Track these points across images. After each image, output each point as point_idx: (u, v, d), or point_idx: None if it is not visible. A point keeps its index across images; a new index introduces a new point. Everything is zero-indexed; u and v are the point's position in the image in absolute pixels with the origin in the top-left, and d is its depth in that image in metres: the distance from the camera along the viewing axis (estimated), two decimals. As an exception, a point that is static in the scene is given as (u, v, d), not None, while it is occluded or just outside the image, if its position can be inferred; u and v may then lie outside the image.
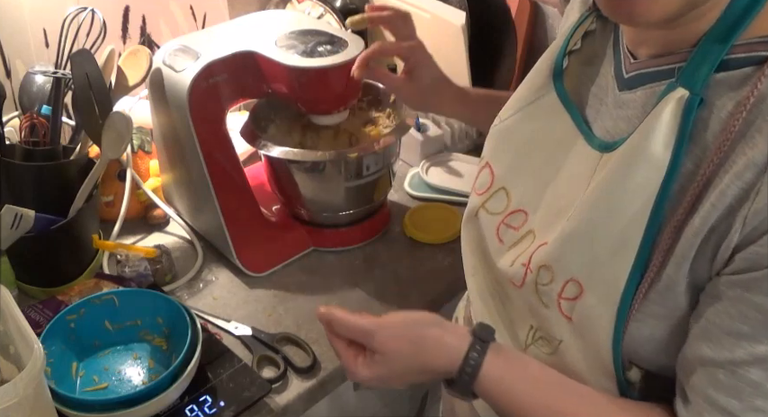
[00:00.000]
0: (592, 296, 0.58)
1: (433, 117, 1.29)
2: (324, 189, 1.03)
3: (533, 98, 0.68)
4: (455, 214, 1.13)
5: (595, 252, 0.57)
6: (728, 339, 0.51)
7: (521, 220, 0.67)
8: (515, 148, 0.69)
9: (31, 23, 1.08)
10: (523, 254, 0.65)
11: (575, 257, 0.59)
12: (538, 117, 0.67)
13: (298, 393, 0.85)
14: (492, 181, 0.70)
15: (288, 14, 1.14)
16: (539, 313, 0.64)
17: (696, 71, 0.53)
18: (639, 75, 0.59)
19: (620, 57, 0.61)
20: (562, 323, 0.61)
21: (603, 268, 0.57)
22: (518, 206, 0.67)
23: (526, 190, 0.67)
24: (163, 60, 0.96)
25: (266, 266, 1.03)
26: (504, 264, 0.68)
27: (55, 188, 0.93)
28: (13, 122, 1.02)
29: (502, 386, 0.62)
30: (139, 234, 1.10)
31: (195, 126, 0.93)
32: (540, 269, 0.62)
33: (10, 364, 0.71)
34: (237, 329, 0.92)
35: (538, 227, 0.65)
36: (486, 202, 0.71)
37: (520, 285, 0.65)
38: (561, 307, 0.60)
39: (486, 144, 0.73)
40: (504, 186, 0.69)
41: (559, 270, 0.60)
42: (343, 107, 1.00)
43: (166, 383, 0.77)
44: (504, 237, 0.69)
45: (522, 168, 0.68)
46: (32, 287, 0.96)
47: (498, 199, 0.69)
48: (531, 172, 0.67)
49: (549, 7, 1.18)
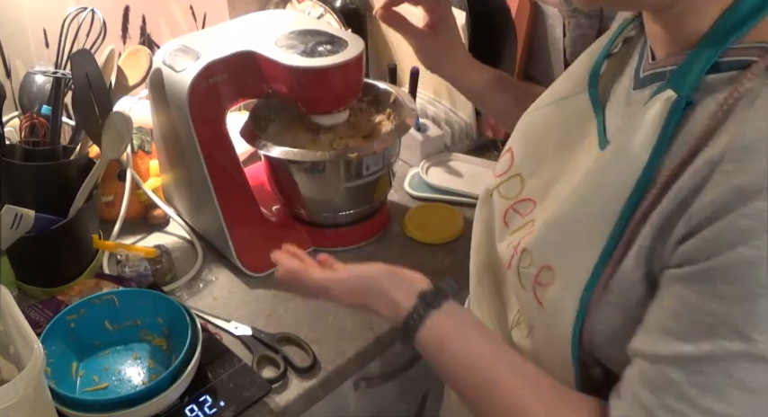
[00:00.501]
0: (561, 284, 0.59)
1: (433, 117, 1.29)
2: (324, 189, 1.03)
3: (567, 94, 0.69)
4: (455, 214, 1.13)
5: (569, 241, 0.59)
6: (660, 334, 0.52)
7: (528, 209, 0.69)
8: (537, 139, 0.71)
9: (31, 23, 1.08)
10: (517, 239, 0.67)
11: (551, 244, 0.61)
12: (566, 114, 0.68)
13: (298, 393, 0.85)
14: (510, 167, 0.72)
15: (288, 14, 1.14)
16: (520, 296, 0.66)
17: (687, 73, 0.53)
18: (651, 75, 0.60)
19: (643, 58, 0.63)
20: (536, 308, 0.63)
21: (573, 257, 0.58)
22: (528, 194, 0.69)
23: (539, 181, 0.69)
24: (163, 60, 0.96)
25: (266, 266, 1.02)
26: (502, 246, 0.70)
27: (55, 188, 0.93)
28: (13, 122, 1.02)
29: (440, 349, 0.64)
30: (139, 234, 1.10)
31: (195, 126, 0.93)
32: (522, 252, 0.64)
33: (10, 364, 0.71)
34: (237, 329, 0.92)
35: (538, 217, 0.67)
36: (500, 185, 0.73)
37: (508, 266, 0.68)
38: (536, 292, 0.62)
39: (514, 130, 0.75)
40: (520, 173, 0.71)
41: (537, 255, 0.62)
42: (343, 107, 1.00)
43: (166, 383, 0.77)
44: (510, 222, 0.71)
45: (539, 159, 0.69)
46: (32, 287, 0.96)
47: (512, 184, 0.71)
48: (546, 164, 0.68)
49: (549, 7, 1.18)
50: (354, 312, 0.96)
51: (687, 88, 0.53)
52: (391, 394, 1.08)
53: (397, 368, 1.02)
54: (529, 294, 0.63)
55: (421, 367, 1.08)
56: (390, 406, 1.10)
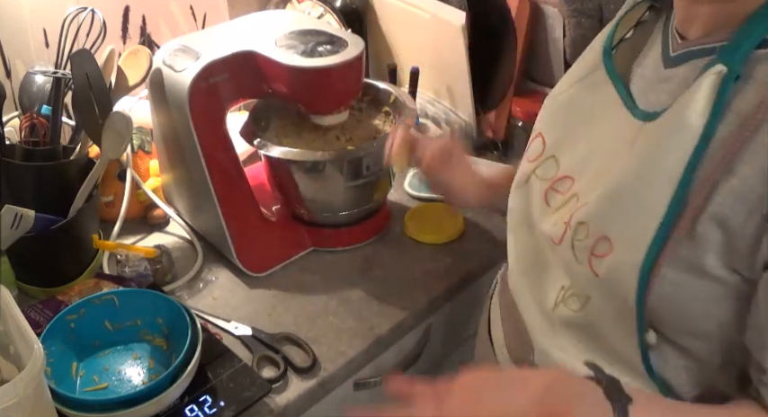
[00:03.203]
0: (620, 253, 0.60)
1: (433, 117, 1.29)
2: (324, 189, 1.03)
3: (584, 74, 0.73)
4: (455, 214, 1.13)
5: (628, 211, 0.60)
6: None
7: (567, 185, 0.71)
8: (565, 120, 0.74)
9: (31, 23, 1.08)
10: (566, 215, 0.68)
11: (609, 215, 0.62)
12: (587, 91, 0.72)
13: (298, 393, 0.85)
14: (543, 150, 0.75)
15: (288, 14, 1.14)
16: (572, 269, 0.67)
17: (737, 49, 0.56)
18: (686, 53, 0.63)
19: (669, 39, 0.66)
20: (591, 279, 0.64)
21: (633, 226, 0.60)
22: (566, 172, 0.72)
23: (573, 157, 0.71)
24: (163, 60, 0.96)
25: (266, 266, 1.03)
26: (547, 225, 0.72)
27: (55, 188, 0.93)
28: (13, 122, 1.02)
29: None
30: (139, 234, 1.10)
31: (195, 126, 0.93)
32: (577, 226, 0.65)
33: (10, 364, 0.71)
34: (237, 329, 0.92)
35: (581, 191, 0.69)
36: (537, 168, 0.75)
37: (558, 242, 0.68)
38: (592, 264, 0.63)
39: (539, 116, 0.79)
40: (554, 154, 0.74)
41: (594, 226, 0.63)
42: (343, 107, 1.00)
43: (166, 383, 0.77)
44: (551, 201, 0.73)
45: (570, 138, 0.72)
46: (32, 287, 0.96)
47: (548, 166, 0.74)
48: (578, 141, 0.71)
49: (549, 7, 1.18)
50: (354, 312, 0.96)
51: (737, 62, 0.56)
52: (391, 394, 1.08)
53: (397, 368, 1.02)
54: (583, 266, 0.64)
55: (421, 367, 1.08)
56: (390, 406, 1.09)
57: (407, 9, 1.24)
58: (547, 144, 0.75)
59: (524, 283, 0.78)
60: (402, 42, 1.32)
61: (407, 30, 1.28)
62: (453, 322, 1.11)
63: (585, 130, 0.71)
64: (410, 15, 1.24)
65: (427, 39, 1.24)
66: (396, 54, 1.34)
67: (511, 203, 0.80)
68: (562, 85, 0.76)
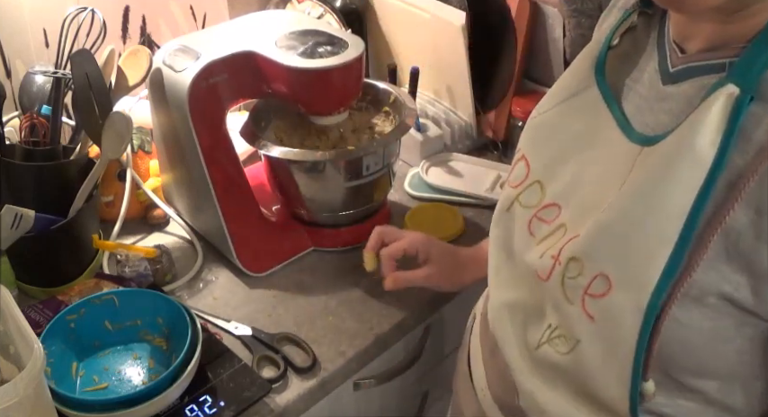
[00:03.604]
0: (620, 293, 0.55)
1: (433, 117, 1.29)
2: (324, 189, 1.03)
3: (573, 91, 0.67)
4: (455, 214, 1.13)
5: (630, 247, 0.55)
6: None
7: (554, 214, 0.65)
8: (552, 142, 0.68)
9: (31, 23, 1.08)
10: (553, 247, 0.63)
11: (607, 251, 0.57)
12: (577, 111, 0.66)
13: (298, 393, 0.85)
14: (527, 174, 0.69)
15: (288, 14, 1.14)
16: (561, 309, 0.61)
17: (750, 67, 0.51)
18: (687, 69, 0.57)
19: (666, 51, 0.60)
20: (583, 321, 0.58)
21: (637, 264, 0.54)
22: (552, 199, 0.66)
23: (560, 183, 0.65)
24: (163, 60, 0.96)
25: (266, 266, 1.03)
26: (532, 257, 0.66)
27: (55, 188, 0.93)
28: (13, 122, 1.02)
29: None
30: (139, 234, 1.10)
31: (195, 126, 0.93)
32: (569, 261, 0.59)
33: (10, 364, 0.71)
34: (237, 329, 0.92)
35: (570, 221, 0.63)
36: (520, 195, 0.69)
37: (546, 278, 0.62)
38: (585, 304, 0.58)
39: (522, 136, 0.72)
40: (539, 179, 0.68)
41: (589, 263, 0.57)
42: (343, 107, 1.00)
43: (166, 383, 0.77)
44: (536, 231, 0.67)
45: (557, 162, 0.66)
46: (32, 287, 0.96)
47: (533, 192, 0.68)
48: (566, 165, 0.65)
49: (549, 7, 1.18)
50: (354, 312, 0.96)
51: (751, 83, 0.50)
52: (391, 394, 1.08)
53: (397, 368, 1.02)
54: (575, 307, 0.59)
55: (421, 367, 1.08)
56: (390, 406, 1.10)
57: (407, 9, 1.24)
58: (531, 167, 0.69)
59: (506, 318, 0.71)
60: (402, 42, 1.32)
61: (407, 30, 1.28)
62: (453, 322, 1.10)
63: (574, 153, 0.64)
64: (410, 15, 1.24)
65: (427, 39, 1.24)
66: (396, 54, 1.34)
67: (492, 232, 0.74)
68: (548, 102, 0.70)
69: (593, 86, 0.64)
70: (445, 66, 1.25)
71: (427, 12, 1.20)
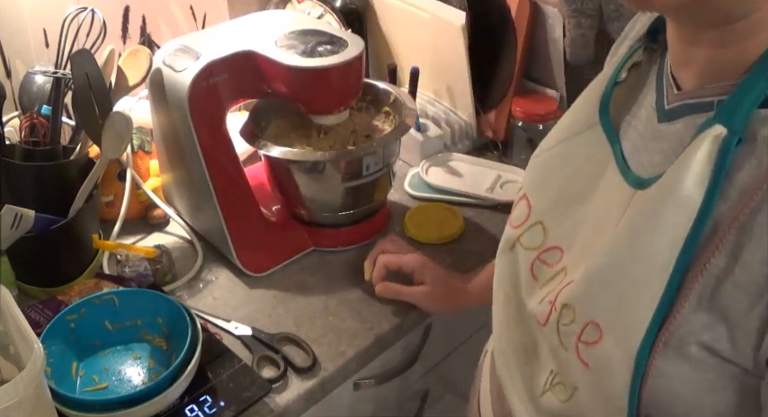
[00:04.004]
0: (610, 342, 0.53)
1: (433, 117, 1.29)
2: (324, 189, 1.03)
3: (578, 130, 0.65)
4: (455, 214, 1.13)
5: (617, 294, 0.53)
6: None
7: (556, 257, 0.63)
8: (554, 182, 0.65)
9: (31, 23, 1.08)
10: (552, 292, 0.61)
11: (597, 298, 0.55)
12: (580, 151, 0.64)
13: (298, 393, 0.85)
14: (528, 215, 0.67)
15: (288, 14, 1.14)
16: (558, 355, 0.60)
17: (738, 106, 0.48)
18: (682, 107, 0.55)
19: (663, 88, 0.58)
20: (578, 369, 0.57)
21: (624, 312, 0.53)
22: (554, 242, 0.64)
23: (563, 225, 0.63)
24: (163, 60, 0.96)
25: (266, 266, 1.03)
26: (533, 303, 0.64)
27: (55, 188, 0.93)
28: (13, 122, 1.02)
29: None
30: (139, 234, 1.10)
31: (195, 126, 0.93)
32: (563, 307, 0.58)
33: (10, 364, 0.71)
34: (237, 329, 0.92)
35: (570, 265, 0.61)
36: (521, 236, 0.67)
37: (543, 323, 0.61)
38: (579, 351, 0.56)
39: (525, 175, 0.71)
40: (540, 220, 0.66)
41: (581, 310, 0.56)
42: (343, 107, 1.00)
43: (166, 383, 0.77)
44: (539, 274, 0.65)
45: (559, 203, 0.64)
46: (32, 287, 0.96)
47: (534, 233, 0.66)
48: (568, 207, 0.63)
49: (549, 7, 1.17)
50: (354, 312, 0.96)
51: (739, 123, 0.48)
52: (391, 394, 1.08)
53: (397, 368, 1.02)
54: (570, 354, 0.57)
55: (421, 367, 1.08)
56: (390, 406, 1.10)
57: (407, 9, 1.24)
58: (533, 208, 0.66)
59: (513, 362, 0.69)
60: (402, 42, 1.32)
61: (407, 30, 1.28)
62: (453, 322, 1.10)
63: (576, 195, 0.62)
64: (410, 15, 1.24)
65: (427, 39, 1.24)
66: (396, 54, 1.34)
67: (497, 270, 0.72)
68: (550, 140, 0.68)
69: (596, 125, 0.63)
70: (445, 66, 1.25)
71: (427, 12, 1.20)
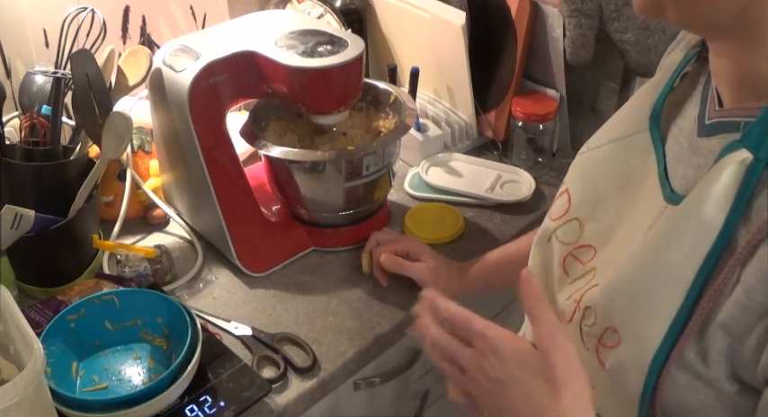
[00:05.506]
0: (627, 349, 0.55)
1: (433, 117, 1.29)
2: (324, 189, 1.03)
3: (627, 132, 0.65)
4: (455, 214, 1.13)
5: (636, 306, 0.55)
6: None
7: (589, 255, 0.64)
8: (596, 180, 0.66)
9: (31, 23, 1.08)
10: (578, 291, 0.62)
11: (617, 306, 0.57)
12: (626, 153, 0.64)
13: (298, 393, 0.85)
14: (568, 209, 0.68)
15: (288, 14, 1.14)
16: (580, 353, 0.59)
17: (765, 133, 0.48)
18: (717, 124, 0.56)
19: (707, 101, 0.58)
20: (598, 369, 0.58)
21: (641, 325, 0.54)
22: (588, 240, 0.65)
23: (599, 225, 0.64)
24: (163, 60, 0.96)
25: (266, 266, 1.03)
26: (561, 298, 0.65)
27: (55, 188, 0.93)
28: (13, 122, 1.02)
29: None
30: (139, 234, 1.10)
31: (195, 126, 0.93)
32: (586, 309, 0.60)
33: (10, 364, 0.71)
34: (237, 329, 0.92)
35: (600, 266, 0.62)
36: (557, 229, 0.68)
37: (568, 320, 0.62)
38: (599, 353, 0.58)
39: (570, 170, 0.71)
40: (578, 217, 0.66)
41: (602, 314, 0.58)
42: (343, 107, 1.00)
43: (166, 383, 0.76)
44: (570, 270, 0.66)
45: (599, 202, 0.65)
46: (32, 287, 0.96)
47: (571, 228, 0.67)
48: (606, 208, 0.64)
49: (549, 7, 1.18)
50: (354, 312, 0.96)
51: (765, 149, 0.48)
52: (391, 394, 1.08)
53: (397, 368, 1.02)
54: (590, 353, 0.59)
55: (421, 367, 1.08)
56: (390, 406, 1.10)
57: (407, 9, 1.24)
58: (572, 203, 0.67)
59: None
60: (402, 42, 1.32)
61: (407, 30, 1.28)
62: (453, 322, 1.10)
63: (616, 197, 0.63)
64: (410, 15, 1.24)
65: (427, 39, 1.24)
66: (396, 54, 1.34)
67: (531, 259, 0.73)
68: (599, 138, 0.68)
69: (645, 131, 0.63)
70: (445, 66, 1.25)
71: (427, 12, 1.20)
